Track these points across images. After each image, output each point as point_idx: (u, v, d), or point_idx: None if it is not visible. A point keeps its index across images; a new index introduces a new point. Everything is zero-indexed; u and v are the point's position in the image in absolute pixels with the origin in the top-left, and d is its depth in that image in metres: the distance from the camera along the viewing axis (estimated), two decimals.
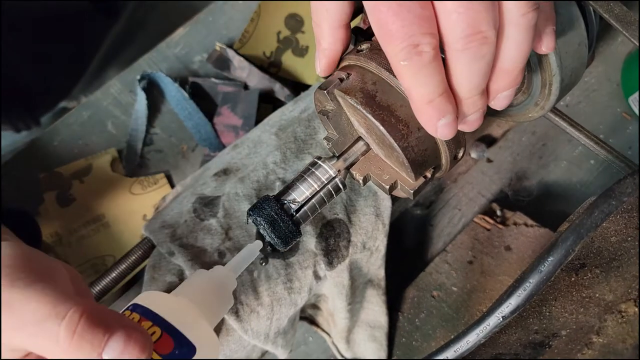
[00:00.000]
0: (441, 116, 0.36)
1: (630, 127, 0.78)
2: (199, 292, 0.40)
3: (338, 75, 0.42)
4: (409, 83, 0.36)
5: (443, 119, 0.36)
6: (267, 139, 0.63)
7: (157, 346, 0.36)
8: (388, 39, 0.35)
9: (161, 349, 0.36)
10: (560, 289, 0.45)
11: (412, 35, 0.34)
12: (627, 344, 0.42)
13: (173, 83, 0.78)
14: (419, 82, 0.36)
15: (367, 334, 0.69)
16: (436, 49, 0.35)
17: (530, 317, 0.45)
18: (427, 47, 0.34)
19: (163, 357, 0.35)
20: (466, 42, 0.34)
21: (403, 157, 0.41)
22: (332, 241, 0.57)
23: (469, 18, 0.33)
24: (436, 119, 0.37)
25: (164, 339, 0.36)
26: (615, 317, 0.44)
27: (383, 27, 0.35)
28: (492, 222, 0.72)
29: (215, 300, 0.40)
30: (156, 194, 0.77)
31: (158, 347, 0.36)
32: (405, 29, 0.34)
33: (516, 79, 0.37)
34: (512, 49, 0.36)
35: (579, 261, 0.44)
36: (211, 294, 0.41)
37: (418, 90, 0.36)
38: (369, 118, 0.40)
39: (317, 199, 0.45)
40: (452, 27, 0.34)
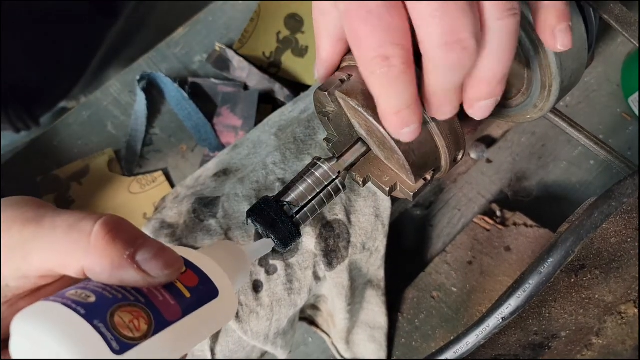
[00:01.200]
0: (405, 126, 0.36)
1: (630, 128, 0.78)
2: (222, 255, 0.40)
3: (339, 77, 0.42)
4: (377, 93, 0.36)
5: (407, 128, 0.36)
6: (267, 140, 0.63)
7: (182, 278, 0.35)
8: (358, 48, 0.34)
9: (186, 281, 0.35)
10: (559, 290, 0.45)
11: (381, 46, 0.33)
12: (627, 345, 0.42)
13: (173, 83, 0.78)
14: (387, 94, 0.35)
15: (366, 335, 0.69)
16: (407, 61, 0.33)
17: (529, 319, 0.45)
18: (396, 60, 0.33)
19: (189, 288, 0.35)
20: (444, 52, 0.32)
21: (404, 159, 0.41)
22: (332, 242, 0.57)
23: (447, 24, 0.32)
24: (400, 128, 0.36)
25: (188, 274, 0.35)
26: (615, 318, 0.44)
27: (353, 34, 0.34)
28: (491, 222, 0.72)
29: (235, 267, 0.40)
30: (155, 192, 0.76)
31: (183, 279, 0.35)
32: (375, 39, 0.33)
33: (495, 90, 0.36)
34: (490, 58, 0.34)
35: (579, 262, 0.44)
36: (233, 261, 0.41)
37: (385, 100, 0.36)
38: (370, 120, 0.40)
39: (317, 200, 0.45)
40: (428, 34, 0.33)
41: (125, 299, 0.32)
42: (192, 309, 0.34)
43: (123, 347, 0.30)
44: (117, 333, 0.30)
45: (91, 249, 0.32)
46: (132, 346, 0.30)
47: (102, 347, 0.29)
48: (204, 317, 0.35)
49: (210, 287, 0.36)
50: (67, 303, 0.30)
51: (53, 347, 0.29)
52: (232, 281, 0.38)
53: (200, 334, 0.36)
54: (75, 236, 0.33)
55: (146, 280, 0.33)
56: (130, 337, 0.30)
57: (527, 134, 0.79)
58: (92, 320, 0.30)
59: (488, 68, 0.35)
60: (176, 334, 0.33)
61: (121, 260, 0.32)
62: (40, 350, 0.29)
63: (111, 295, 0.31)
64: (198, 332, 0.35)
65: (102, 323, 0.30)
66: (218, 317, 0.37)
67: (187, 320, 0.34)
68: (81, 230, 0.33)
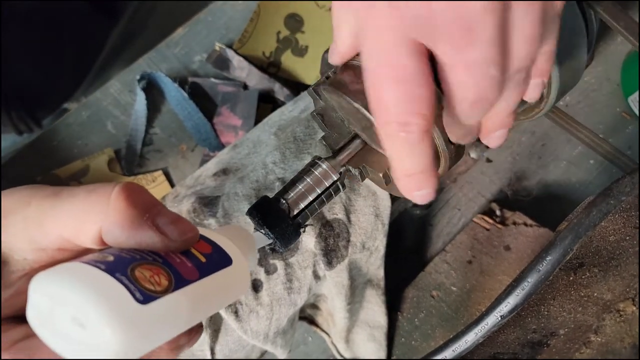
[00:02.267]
0: (418, 189, 0.37)
1: (629, 127, 0.78)
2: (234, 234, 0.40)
3: (326, 74, 0.42)
4: (391, 154, 0.36)
5: (420, 191, 0.37)
6: (267, 139, 0.63)
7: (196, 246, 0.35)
8: (379, 109, 0.35)
9: (200, 249, 0.35)
10: (558, 288, 0.45)
11: (402, 113, 0.33)
12: (625, 342, 0.42)
13: (173, 83, 0.78)
14: (401, 157, 0.36)
15: (366, 334, 0.69)
16: (426, 130, 0.34)
17: (528, 317, 0.45)
18: (415, 127, 0.34)
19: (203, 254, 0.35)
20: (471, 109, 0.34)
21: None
22: (332, 241, 0.57)
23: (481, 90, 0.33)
24: (412, 190, 0.37)
25: (201, 244, 0.35)
26: (613, 316, 0.44)
27: (376, 96, 0.34)
28: (491, 222, 0.72)
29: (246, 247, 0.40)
30: (155, 192, 0.77)
31: (197, 247, 0.35)
32: (399, 107, 0.33)
33: (504, 122, 0.38)
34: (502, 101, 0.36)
35: (578, 260, 0.44)
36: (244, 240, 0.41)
37: (398, 162, 0.36)
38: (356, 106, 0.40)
39: (317, 199, 0.45)
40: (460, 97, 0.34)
41: (144, 259, 0.31)
42: (208, 272, 0.34)
43: (147, 298, 0.30)
44: (140, 285, 0.30)
45: (110, 209, 0.32)
46: (155, 298, 0.30)
47: (126, 297, 0.29)
48: (220, 282, 0.35)
49: (223, 255, 0.36)
50: (87, 261, 0.30)
51: (75, 300, 0.28)
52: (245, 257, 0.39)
53: (217, 298, 0.36)
54: (93, 198, 0.32)
55: (164, 242, 0.33)
56: (153, 289, 0.30)
57: (527, 134, 0.79)
58: (114, 273, 0.29)
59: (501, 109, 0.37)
60: (195, 294, 0.33)
61: (141, 221, 0.32)
62: (60, 306, 0.29)
63: (129, 256, 0.31)
64: (215, 297, 0.35)
65: (124, 276, 0.30)
66: (233, 286, 0.37)
67: (204, 282, 0.34)
68: (100, 193, 0.32)
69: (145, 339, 0.30)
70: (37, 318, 0.30)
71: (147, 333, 0.30)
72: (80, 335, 0.28)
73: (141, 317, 0.29)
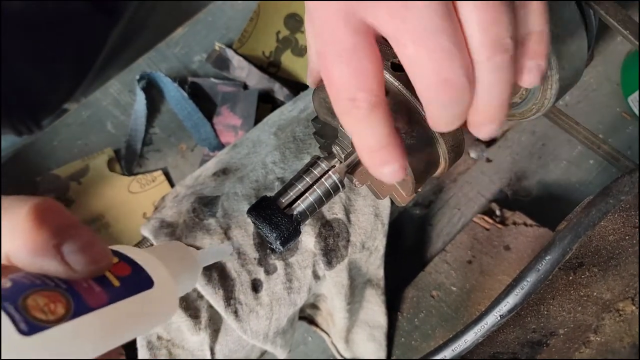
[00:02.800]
0: (383, 165, 0.36)
1: (629, 127, 0.78)
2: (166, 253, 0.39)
3: None
4: (349, 131, 0.36)
5: (386, 167, 0.36)
6: (266, 139, 0.63)
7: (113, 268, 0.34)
8: (329, 88, 0.35)
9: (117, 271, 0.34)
10: (558, 288, 0.45)
11: (348, 89, 0.33)
12: (625, 342, 0.42)
13: (172, 83, 0.78)
14: (359, 134, 0.35)
15: (366, 334, 0.69)
16: (375, 104, 0.34)
17: (528, 316, 0.45)
18: (363, 102, 0.33)
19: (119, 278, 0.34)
20: (435, 92, 0.33)
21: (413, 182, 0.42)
22: (331, 241, 0.57)
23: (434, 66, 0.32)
24: (378, 167, 0.36)
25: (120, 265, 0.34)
26: (612, 315, 0.44)
27: (324, 74, 0.34)
28: (491, 221, 0.72)
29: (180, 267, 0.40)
30: (155, 192, 0.77)
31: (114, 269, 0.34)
32: (343, 82, 0.33)
33: (493, 117, 0.36)
34: (483, 93, 0.34)
35: (577, 260, 0.44)
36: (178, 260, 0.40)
37: (358, 140, 0.36)
38: None
39: (316, 199, 0.45)
40: (418, 76, 0.33)
41: (44, 285, 0.31)
42: (120, 297, 0.33)
43: (32, 329, 0.29)
44: (29, 315, 0.29)
45: (18, 231, 0.31)
46: (43, 328, 0.29)
47: (9, 328, 0.28)
48: (135, 306, 0.34)
49: (143, 277, 0.35)
50: None
51: None
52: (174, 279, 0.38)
53: (131, 324, 0.34)
54: (6, 218, 0.32)
55: (68, 272, 0.32)
56: (43, 319, 0.29)
57: (526, 133, 0.79)
58: (5, 302, 0.29)
59: (484, 101, 0.35)
60: (100, 321, 0.32)
61: (46, 247, 0.31)
62: None
63: (29, 282, 0.30)
64: (127, 323, 0.34)
65: (12, 305, 0.29)
66: (153, 310, 0.36)
67: (113, 308, 0.32)
68: (13, 212, 0.32)
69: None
70: None
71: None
72: None
73: (24, 348, 0.28)
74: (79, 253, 0.32)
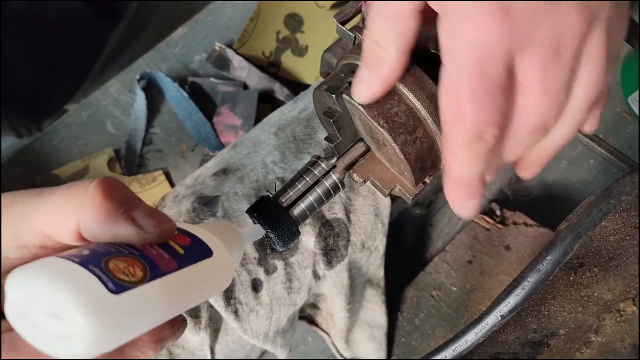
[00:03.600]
0: (472, 198, 0.37)
1: (629, 127, 0.78)
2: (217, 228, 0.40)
3: (347, 79, 0.42)
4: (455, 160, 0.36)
5: (472, 200, 0.37)
6: (267, 139, 0.63)
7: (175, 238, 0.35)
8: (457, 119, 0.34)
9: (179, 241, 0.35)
10: (559, 288, 0.45)
11: (481, 122, 0.33)
12: (626, 342, 0.42)
13: (172, 83, 0.78)
14: (464, 163, 0.35)
15: (366, 334, 0.69)
16: (497, 139, 0.34)
17: (528, 316, 0.45)
18: (490, 137, 0.33)
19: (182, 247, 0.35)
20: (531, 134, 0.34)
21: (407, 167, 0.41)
22: (331, 240, 0.57)
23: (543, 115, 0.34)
24: (466, 199, 0.37)
25: (180, 237, 0.36)
26: (613, 316, 0.44)
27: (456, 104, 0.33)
28: (491, 221, 0.72)
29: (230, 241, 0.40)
30: (155, 192, 0.77)
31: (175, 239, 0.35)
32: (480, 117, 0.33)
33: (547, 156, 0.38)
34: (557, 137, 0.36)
35: (578, 260, 0.44)
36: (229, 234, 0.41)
37: (461, 169, 0.36)
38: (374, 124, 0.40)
39: (316, 198, 0.44)
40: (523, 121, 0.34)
41: (119, 252, 0.32)
42: (186, 264, 0.34)
43: (119, 288, 0.30)
44: (113, 276, 0.30)
45: (87, 203, 0.32)
46: (128, 288, 0.30)
47: (99, 287, 0.29)
48: (199, 273, 0.35)
49: (203, 247, 0.36)
50: (62, 256, 0.30)
51: (48, 292, 0.28)
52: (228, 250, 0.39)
53: (196, 290, 0.36)
54: (71, 194, 0.33)
55: (140, 235, 0.33)
56: (127, 280, 0.30)
57: None
58: (87, 265, 0.30)
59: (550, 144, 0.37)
60: (172, 285, 0.33)
61: (117, 213, 0.33)
62: (36, 300, 0.29)
63: (104, 250, 0.31)
64: (194, 288, 0.35)
65: (96, 267, 0.30)
66: (213, 278, 0.37)
67: (182, 273, 0.34)
68: (78, 189, 0.33)
69: (120, 328, 0.30)
70: (14, 314, 0.30)
71: (121, 322, 0.30)
72: (56, 328, 0.29)
73: (114, 307, 0.29)
74: (148, 217, 0.33)
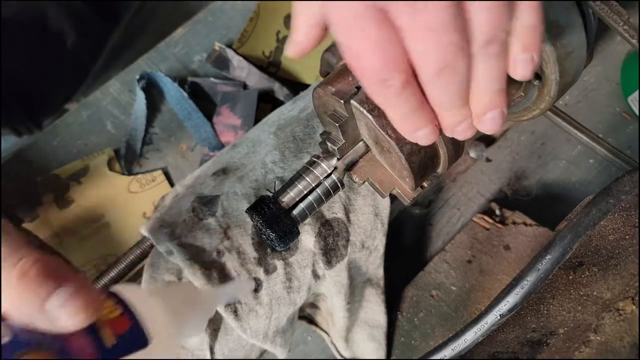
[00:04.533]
0: (417, 130, 0.39)
1: (629, 127, 0.78)
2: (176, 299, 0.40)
3: (355, 84, 0.42)
4: (379, 103, 0.39)
5: (420, 131, 0.39)
6: (266, 139, 0.63)
7: (113, 323, 0.36)
8: (361, 74, 0.37)
9: (116, 327, 0.36)
10: (558, 287, 0.45)
11: (381, 72, 0.36)
12: (625, 342, 0.42)
13: (172, 83, 0.78)
14: (389, 106, 0.38)
15: (366, 333, 0.69)
16: (406, 80, 0.36)
17: (528, 316, 0.45)
18: (395, 81, 0.36)
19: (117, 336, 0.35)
20: (436, 76, 0.36)
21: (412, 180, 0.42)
22: (331, 240, 0.57)
23: (436, 53, 0.35)
24: (412, 132, 0.39)
25: (121, 319, 0.36)
26: (613, 315, 0.44)
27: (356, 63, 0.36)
28: (491, 221, 0.72)
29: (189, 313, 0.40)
30: (155, 191, 0.77)
31: (113, 325, 0.35)
32: (377, 67, 0.36)
33: (493, 102, 0.38)
34: (480, 75, 0.37)
35: (577, 259, 0.44)
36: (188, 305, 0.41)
37: (389, 111, 0.39)
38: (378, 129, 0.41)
39: (315, 198, 0.45)
40: (420, 61, 0.35)
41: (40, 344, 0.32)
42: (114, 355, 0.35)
43: None
44: None
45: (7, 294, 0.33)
46: None
47: None
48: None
49: (140, 336, 0.36)
50: None
51: None
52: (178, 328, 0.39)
53: None
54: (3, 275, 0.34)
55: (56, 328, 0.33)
56: None
57: (526, 133, 0.79)
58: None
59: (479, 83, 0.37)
60: None
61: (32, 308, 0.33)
62: None
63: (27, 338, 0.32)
64: None
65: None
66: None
67: None
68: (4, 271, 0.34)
69: None
70: None
71: None
72: None
73: None
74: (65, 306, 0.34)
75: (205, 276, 0.54)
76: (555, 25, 0.42)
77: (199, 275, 0.54)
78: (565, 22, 0.42)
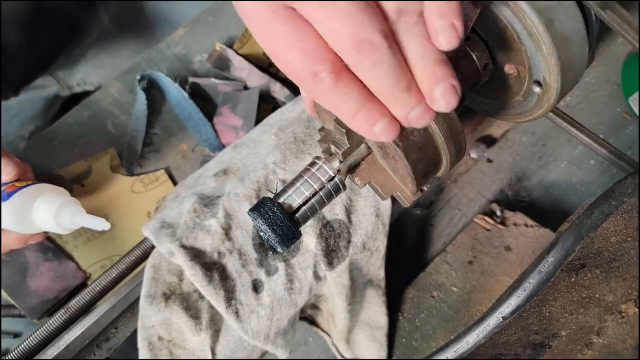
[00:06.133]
0: (372, 124, 0.36)
1: (630, 127, 0.78)
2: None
3: None
4: (327, 106, 0.36)
5: (376, 126, 0.36)
6: (267, 139, 0.63)
7: None
8: (291, 76, 0.36)
9: None
10: (560, 290, 0.45)
11: (306, 66, 0.35)
12: (627, 344, 0.42)
13: (173, 83, 0.78)
14: (334, 104, 0.36)
15: (367, 334, 0.69)
16: (335, 69, 0.35)
17: (530, 318, 0.45)
18: (324, 73, 0.35)
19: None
20: (356, 54, 0.34)
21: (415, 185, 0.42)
22: (332, 241, 0.57)
23: (348, 31, 0.34)
24: (368, 128, 0.37)
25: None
26: (615, 317, 0.44)
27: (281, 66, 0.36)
28: (492, 222, 0.72)
29: None
30: (158, 191, 0.77)
31: None
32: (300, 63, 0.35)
33: (435, 74, 0.36)
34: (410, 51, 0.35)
35: (579, 261, 0.44)
36: None
37: (337, 110, 0.36)
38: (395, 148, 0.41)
39: (317, 199, 0.44)
40: (337, 45, 0.34)
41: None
42: None
43: None
44: None
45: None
46: None
47: None
48: None
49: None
50: None
51: None
52: None
53: None
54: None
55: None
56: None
57: (527, 134, 0.79)
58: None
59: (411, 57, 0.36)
60: None
61: None
62: None
63: None
64: None
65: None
66: None
67: None
68: None
69: None
70: None
71: None
72: None
73: None
74: None
75: (207, 277, 0.54)
76: (562, 38, 0.42)
77: (201, 277, 0.54)
78: (566, 22, 0.42)
